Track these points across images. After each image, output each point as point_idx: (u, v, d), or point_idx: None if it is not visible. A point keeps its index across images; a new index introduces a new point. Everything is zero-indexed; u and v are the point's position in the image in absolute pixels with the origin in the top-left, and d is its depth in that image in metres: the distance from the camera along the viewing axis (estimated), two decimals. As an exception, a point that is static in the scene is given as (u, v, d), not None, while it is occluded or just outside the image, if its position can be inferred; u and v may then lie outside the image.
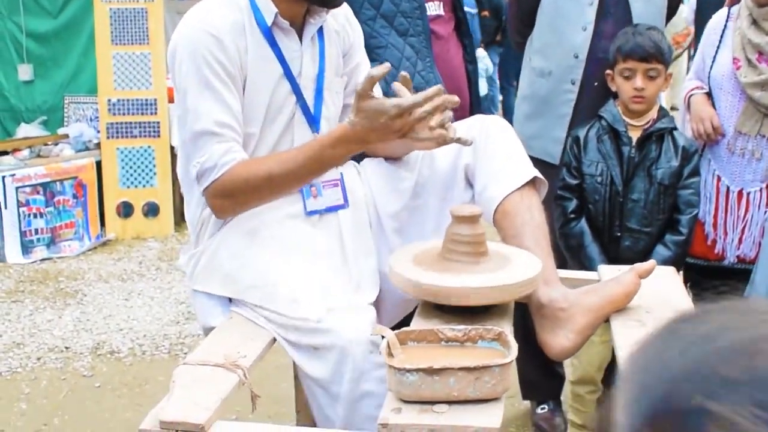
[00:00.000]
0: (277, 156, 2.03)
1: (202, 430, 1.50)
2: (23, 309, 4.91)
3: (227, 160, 1.94)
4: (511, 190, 2.08)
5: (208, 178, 1.95)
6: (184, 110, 1.99)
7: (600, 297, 1.93)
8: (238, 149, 1.98)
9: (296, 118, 2.12)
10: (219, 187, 1.95)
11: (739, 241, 3.04)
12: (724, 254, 3.08)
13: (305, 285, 1.88)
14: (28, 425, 3.60)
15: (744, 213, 3.02)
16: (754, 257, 3.02)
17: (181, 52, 1.99)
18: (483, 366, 1.43)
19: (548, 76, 3.20)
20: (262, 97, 2.05)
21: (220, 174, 1.94)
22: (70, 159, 6.12)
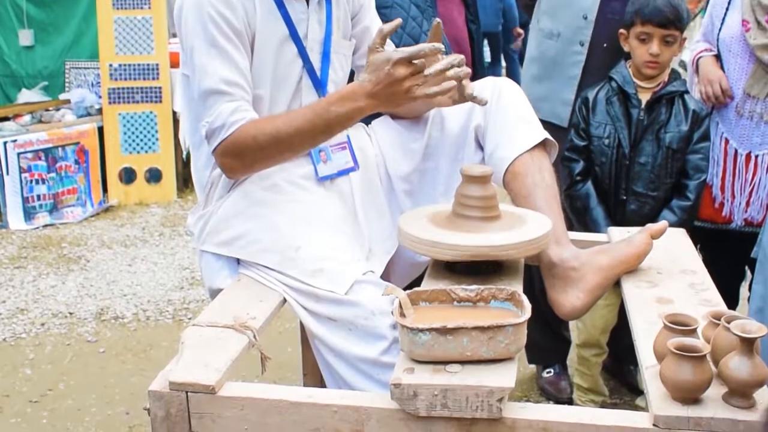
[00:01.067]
0: (285, 114, 1.99)
1: (212, 391, 1.49)
2: (26, 275, 4.89)
3: (236, 119, 1.91)
4: (522, 152, 2.06)
5: (217, 138, 1.91)
6: (192, 69, 1.95)
7: (611, 257, 1.91)
8: (248, 108, 1.95)
9: (303, 82, 2.09)
10: (229, 146, 1.91)
11: (746, 205, 3.03)
12: (731, 217, 3.06)
13: (329, 254, 1.86)
14: (33, 390, 3.59)
15: (752, 176, 3.00)
16: (762, 220, 3.00)
17: (187, 9, 1.95)
18: (497, 325, 1.42)
19: (557, 37, 3.16)
20: (269, 59, 2.02)
21: (230, 133, 1.90)
22: (71, 124, 6.08)
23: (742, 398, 1.40)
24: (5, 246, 5.39)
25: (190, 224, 2.12)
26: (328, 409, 1.46)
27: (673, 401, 1.41)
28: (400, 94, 1.82)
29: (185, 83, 2.07)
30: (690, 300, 1.79)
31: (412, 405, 1.41)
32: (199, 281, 4.73)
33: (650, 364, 1.51)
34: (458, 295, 1.58)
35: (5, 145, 5.65)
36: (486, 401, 1.39)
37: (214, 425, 1.51)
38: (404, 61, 1.79)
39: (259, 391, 1.50)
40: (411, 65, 1.79)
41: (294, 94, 2.08)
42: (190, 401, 1.50)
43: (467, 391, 1.39)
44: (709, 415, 1.37)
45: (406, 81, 1.80)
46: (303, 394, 1.49)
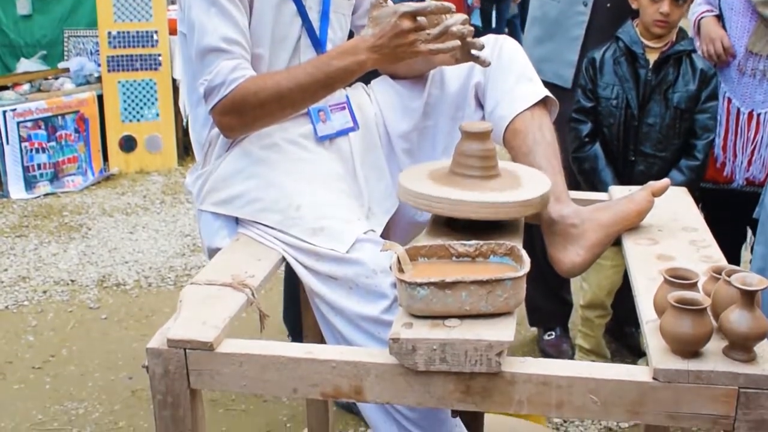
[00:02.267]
0: (285, 71, 1.97)
1: (210, 348, 1.48)
2: (28, 243, 4.89)
3: (236, 76, 1.88)
4: (522, 109, 2.04)
5: (216, 96, 1.89)
6: (190, 27, 1.93)
7: (612, 214, 1.90)
8: (247, 66, 1.92)
9: (302, 41, 2.07)
10: (228, 103, 1.88)
11: (748, 164, 3.02)
12: (733, 177, 3.05)
13: (330, 212, 1.84)
14: (36, 357, 3.60)
15: (754, 135, 2.99)
16: (764, 180, 2.99)
17: None
18: (496, 279, 1.40)
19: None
20: (268, 18, 1.99)
21: (229, 90, 1.88)
22: (71, 93, 6.05)
23: (742, 351, 1.39)
24: (6, 215, 5.39)
25: (189, 184, 2.11)
26: (327, 365, 1.45)
27: (673, 355, 1.40)
28: (403, 48, 1.81)
29: (183, 42, 2.05)
30: (691, 257, 1.78)
31: (411, 360, 1.40)
32: (200, 248, 4.72)
33: (650, 318, 1.51)
34: (457, 250, 1.57)
35: (4, 114, 5.63)
36: (485, 355, 1.38)
37: (213, 382, 1.51)
38: (410, 15, 1.78)
39: (258, 347, 1.50)
40: (416, 20, 1.78)
41: (293, 53, 2.06)
42: (189, 358, 1.50)
43: (466, 346, 1.38)
44: (709, 369, 1.37)
45: (410, 34, 1.79)
46: (301, 350, 1.48)
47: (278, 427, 3.08)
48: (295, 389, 1.48)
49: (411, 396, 1.45)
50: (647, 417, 1.41)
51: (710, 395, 1.37)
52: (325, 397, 1.51)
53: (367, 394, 1.46)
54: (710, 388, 1.37)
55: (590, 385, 1.40)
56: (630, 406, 1.40)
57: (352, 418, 3.08)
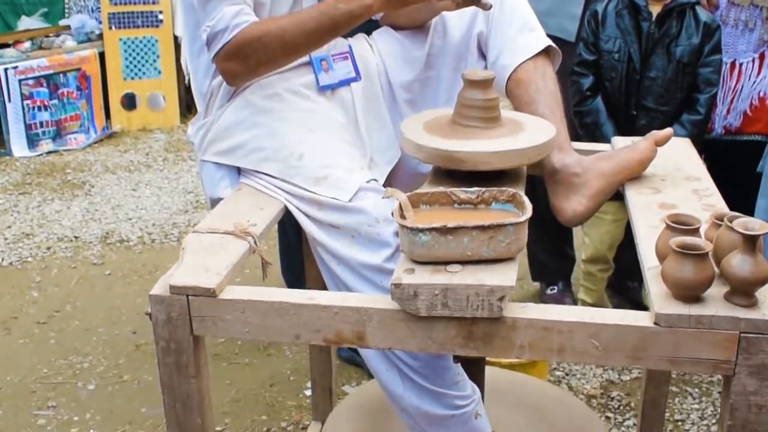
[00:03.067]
0: (290, 15, 1.93)
1: (213, 294, 1.48)
2: (31, 201, 4.90)
3: (239, 21, 1.85)
4: (525, 59, 2.02)
5: (219, 41, 1.86)
6: None
7: (614, 163, 1.89)
8: (250, 12, 1.89)
9: None
10: (231, 49, 1.85)
11: (726, 113, 3.02)
12: (712, 126, 3.06)
13: (332, 161, 1.83)
14: (40, 312, 3.63)
15: (735, 84, 2.99)
16: (739, 126, 3.01)
17: None
18: (497, 224, 1.40)
19: None
20: None
21: (232, 36, 1.85)
22: (72, 50, 6.03)
23: (744, 296, 1.39)
24: (9, 173, 5.39)
25: (191, 134, 2.10)
26: (329, 311, 1.46)
27: (674, 300, 1.40)
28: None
29: None
30: (693, 205, 1.77)
31: (413, 305, 1.40)
32: (203, 204, 4.73)
33: (652, 265, 1.51)
34: (459, 197, 1.56)
35: (6, 72, 5.62)
36: (486, 300, 1.38)
37: (216, 328, 1.51)
38: None
39: (261, 293, 1.50)
40: None
41: (294, 3, 2.04)
42: (191, 305, 1.50)
43: (467, 291, 1.38)
44: (710, 313, 1.37)
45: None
46: (304, 297, 1.48)
47: (282, 379, 3.10)
48: (298, 335, 1.49)
49: (413, 342, 1.45)
50: (648, 362, 1.41)
51: (711, 340, 1.37)
52: (327, 343, 1.51)
53: (369, 339, 1.46)
54: (711, 333, 1.37)
55: (591, 330, 1.40)
56: (631, 351, 1.40)
57: (356, 370, 3.11)
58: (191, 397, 1.57)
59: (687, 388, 2.99)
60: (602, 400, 2.94)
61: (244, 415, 2.90)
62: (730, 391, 1.40)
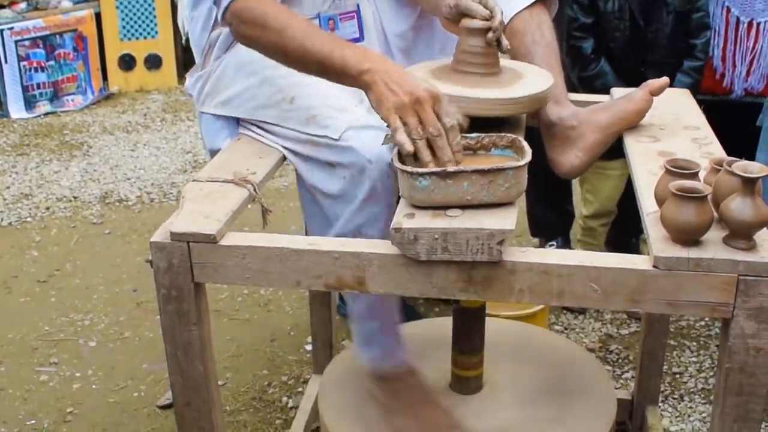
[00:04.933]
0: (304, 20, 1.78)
1: (213, 241, 1.49)
2: (29, 162, 4.89)
3: None
4: (521, 8, 2.01)
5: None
6: None
7: (611, 114, 1.89)
8: None
9: None
10: (238, 9, 1.75)
11: (746, 74, 3.00)
12: (732, 88, 3.03)
13: (322, 102, 1.81)
14: (41, 271, 3.63)
15: (753, 44, 2.96)
16: (762, 90, 2.98)
17: None
18: (497, 168, 1.40)
19: None
20: None
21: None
22: (68, 11, 5.98)
23: (742, 239, 1.40)
24: (7, 134, 5.38)
25: (188, 86, 2.10)
26: (330, 256, 1.46)
27: (673, 244, 1.41)
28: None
29: None
30: (693, 153, 1.78)
31: (413, 249, 1.41)
32: (201, 164, 4.72)
33: (651, 210, 1.51)
34: (457, 142, 1.56)
35: (2, 33, 5.59)
36: (486, 244, 1.39)
37: (216, 274, 1.52)
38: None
39: (261, 239, 1.50)
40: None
41: None
42: (192, 251, 1.50)
43: (467, 234, 1.39)
44: (709, 256, 1.37)
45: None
46: (304, 242, 1.49)
47: (282, 335, 3.12)
48: (299, 281, 1.49)
49: (413, 286, 1.46)
50: (647, 305, 1.42)
51: (710, 283, 1.38)
52: (328, 289, 1.52)
53: (370, 284, 1.47)
54: (710, 276, 1.38)
55: (591, 274, 1.41)
56: (630, 295, 1.41)
57: (355, 326, 3.12)
58: (193, 344, 1.58)
59: (685, 342, 3.01)
60: (601, 354, 2.96)
61: (244, 370, 2.91)
62: (728, 334, 1.41)
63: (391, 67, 1.59)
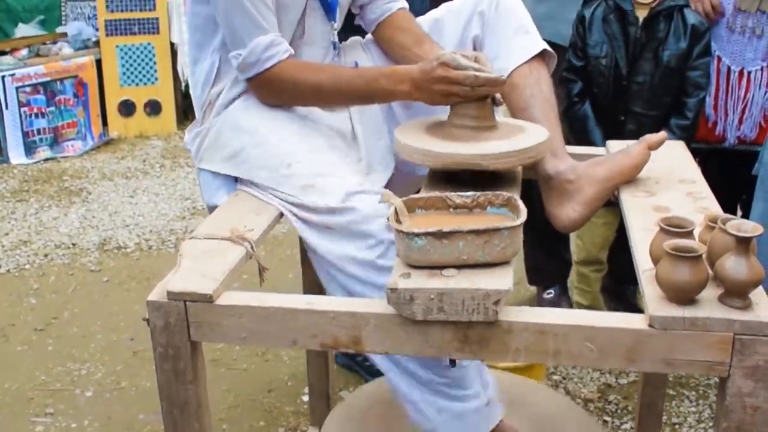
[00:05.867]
0: (330, 69, 2.00)
1: (210, 300, 1.49)
2: (28, 208, 4.91)
3: (271, 54, 1.91)
4: (520, 63, 2.03)
5: (250, 71, 1.94)
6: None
7: (608, 168, 1.90)
8: (281, 41, 1.94)
9: (310, 5, 2.05)
10: (265, 81, 1.94)
11: (739, 122, 3.02)
12: (724, 135, 3.05)
13: (321, 169, 1.84)
14: (38, 319, 3.63)
15: (744, 93, 2.98)
16: (755, 138, 3.00)
17: None
18: (492, 229, 1.41)
19: None
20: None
21: (264, 69, 1.92)
22: (69, 57, 6.05)
23: (738, 298, 1.40)
24: (7, 180, 5.40)
25: (188, 142, 2.11)
26: (326, 316, 1.46)
27: (668, 302, 1.41)
28: (436, 94, 1.82)
29: None
30: (687, 207, 1.78)
31: (409, 309, 1.41)
32: (200, 211, 4.74)
33: (647, 267, 1.51)
34: (454, 201, 1.57)
35: (3, 79, 5.64)
36: (482, 304, 1.39)
37: (213, 333, 1.52)
38: (446, 66, 1.78)
39: (257, 299, 1.50)
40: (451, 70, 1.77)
41: (300, 19, 2.05)
42: (189, 310, 1.51)
43: (463, 295, 1.39)
44: (704, 315, 1.37)
45: (441, 84, 1.79)
46: (301, 301, 1.49)
47: (280, 385, 3.11)
48: (295, 340, 1.49)
49: (409, 346, 1.46)
50: (643, 364, 1.42)
51: (706, 342, 1.38)
52: (324, 348, 1.52)
53: (366, 344, 1.47)
54: (706, 335, 1.38)
55: (586, 333, 1.40)
56: (626, 354, 1.41)
57: (353, 376, 3.11)
58: (189, 402, 1.58)
59: (684, 391, 3.00)
60: (600, 404, 2.95)
61: (242, 421, 2.90)
62: (725, 392, 1.41)
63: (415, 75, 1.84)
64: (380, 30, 2.19)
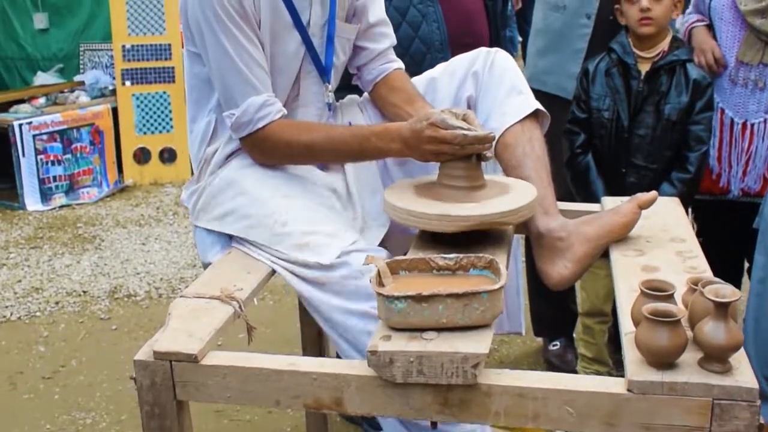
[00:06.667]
0: (322, 128, 2.04)
1: (195, 360, 1.51)
2: (42, 255, 4.96)
3: (263, 114, 1.96)
4: (513, 122, 2.06)
5: (243, 131, 1.98)
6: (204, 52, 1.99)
7: (598, 226, 1.92)
8: (274, 101, 1.99)
9: (305, 68, 2.10)
10: (258, 141, 1.98)
11: (743, 174, 3.03)
12: (728, 188, 3.06)
13: (315, 228, 1.87)
14: (46, 367, 3.65)
15: (748, 145, 3.00)
16: (759, 190, 3.00)
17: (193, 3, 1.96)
18: (471, 292, 1.43)
19: (563, 9, 3.15)
20: (271, 46, 2.03)
21: (257, 128, 1.96)
22: (86, 106, 6.13)
23: (717, 363, 1.40)
24: (22, 227, 5.46)
25: (184, 199, 2.15)
26: (308, 377, 1.48)
27: (648, 366, 1.42)
28: (426, 152, 1.86)
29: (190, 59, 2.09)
30: (676, 267, 1.79)
31: (389, 372, 1.43)
32: (211, 259, 4.77)
33: (629, 330, 1.52)
34: (437, 263, 1.59)
35: (21, 127, 5.71)
36: (461, 367, 1.40)
37: (198, 393, 1.54)
38: (435, 126, 1.81)
39: (241, 359, 1.53)
40: (440, 130, 1.81)
41: (295, 81, 2.10)
42: (174, 370, 1.53)
43: (442, 358, 1.40)
44: (683, 380, 1.38)
45: (431, 144, 1.82)
46: (284, 362, 1.51)
47: (282, 437, 3.11)
48: (278, 401, 1.51)
49: (390, 407, 1.47)
50: (622, 428, 1.42)
51: (685, 407, 1.38)
52: (307, 408, 1.54)
53: (348, 405, 1.49)
54: (684, 400, 1.38)
55: (565, 397, 1.41)
56: (605, 418, 1.41)
57: (356, 428, 3.11)
58: (176, 461, 1.59)
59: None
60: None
61: (243, 473, 2.90)
62: (705, 457, 1.41)
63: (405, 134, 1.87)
64: (376, 90, 2.23)
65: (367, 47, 2.22)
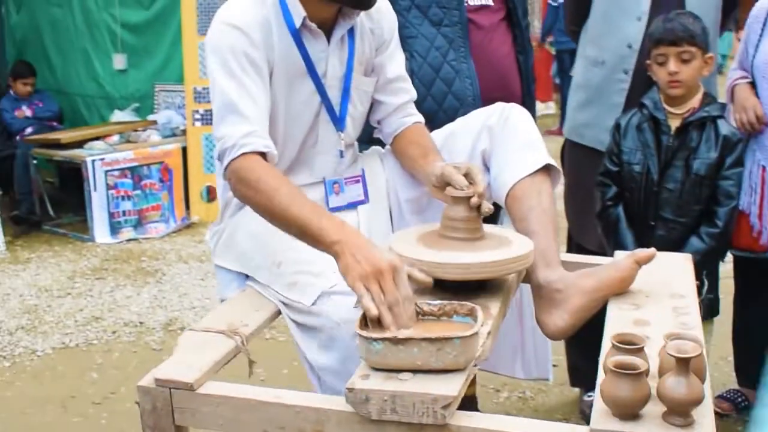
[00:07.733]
0: (294, 187, 1.93)
1: (191, 388, 1.63)
2: (105, 286, 5.17)
3: (246, 141, 1.96)
4: (522, 176, 2.12)
5: (225, 158, 1.99)
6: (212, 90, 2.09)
7: (596, 280, 1.97)
8: (262, 135, 1.99)
9: (321, 117, 2.19)
10: (235, 168, 1.96)
11: None
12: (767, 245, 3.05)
13: (303, 268, 1.95)
14: (97, 393, 3.82)
15: None
16: None
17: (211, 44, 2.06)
18: (444, 338, 1.51)
19: (602, 65, 3.22)
20: (285, 94, 2.12)
21: (238, 154, 1.95)
22: (157, 144, 6.39)
23: (679, 417, 1.46)
24: (89, 258, 5.69)
25: (208, 239, 2.28)
26: (292, 409, 1.58)
27: (613, 417, 1.47)
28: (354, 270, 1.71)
29: None
30: (667, 323, 1.84)
31: (365, 408, 1.51)
32: (263, 296, 4.90)
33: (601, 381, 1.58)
34: (423, 309, 1.68)
35: (93, 163, 5.98)
36: (431, 408, 1.48)
37: (194, 419, 1.65)
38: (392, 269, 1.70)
39: (234, 390, 1.63)
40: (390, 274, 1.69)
41: (310, 129, 2.19)
42: (173, 397, 1.65)
43: (414, 398, 1.49)
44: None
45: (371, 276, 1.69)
46: (271, 395, 1.61)
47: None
48: (265, 431, 1.61)
49: (368, 442, 1.56)
50: (586, 475, 1.48)
51: (646, 458, 1.44)
52: (292, 439, 1.63)
53: (328, 438, 1.58)
54: (645, 451, 1.44)
55: (532, 441, 1.48)
56: (570, 464, 1.48)
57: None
58: (175, 484, 1.71)
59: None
60: None
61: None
62: None
63: (359, 241, 1.74)
64: (396, 142, 2.33)
65: (386, 101, 2.32)
